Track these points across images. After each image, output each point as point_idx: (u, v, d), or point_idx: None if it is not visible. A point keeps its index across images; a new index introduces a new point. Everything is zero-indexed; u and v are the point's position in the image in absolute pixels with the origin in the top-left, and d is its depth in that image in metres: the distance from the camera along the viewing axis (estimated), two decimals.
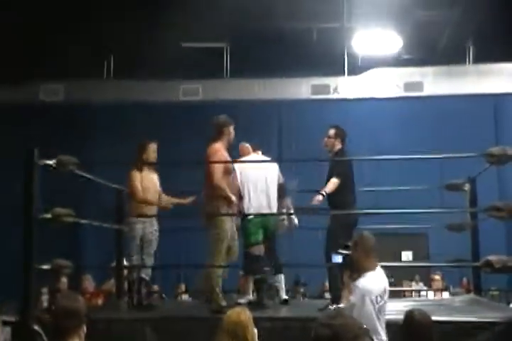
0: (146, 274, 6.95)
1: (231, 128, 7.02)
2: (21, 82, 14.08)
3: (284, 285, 7.37)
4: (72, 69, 13.35)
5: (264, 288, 6.99)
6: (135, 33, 12.58)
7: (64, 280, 10.00)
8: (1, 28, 11.80)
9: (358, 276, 4.78)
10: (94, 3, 11.94)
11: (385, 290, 4.75)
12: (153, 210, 7.14)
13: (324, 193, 6.78)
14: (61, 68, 13.24)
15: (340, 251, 5.10)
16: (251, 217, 7.02)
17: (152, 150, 7.26)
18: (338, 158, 7.24)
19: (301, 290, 10.22)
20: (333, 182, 6.88)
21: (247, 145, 7.68)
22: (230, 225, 6.67)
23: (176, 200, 7.34)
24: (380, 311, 4.63)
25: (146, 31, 12.54)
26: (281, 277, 7.36)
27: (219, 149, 6.81)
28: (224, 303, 6.31)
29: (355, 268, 4.85)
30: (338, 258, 6.27)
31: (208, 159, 6.81)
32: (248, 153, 7.74)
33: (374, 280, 4.74)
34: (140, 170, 7.13)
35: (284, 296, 7.36)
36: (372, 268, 4.79)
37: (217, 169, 6.70)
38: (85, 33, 12.63)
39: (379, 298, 4.66)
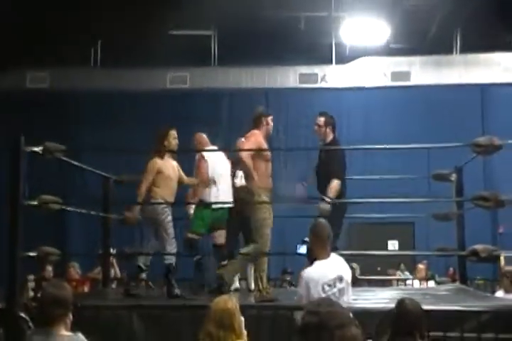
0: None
1: (269, 119, 6.86)
2: (8, 69, 13.99)
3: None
4: (58, 57, 13.27)
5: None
6: (122, 21, 12.49)
7: (49, 268, 9.98)
8: None
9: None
10: None
11: (337, 279, 4.71)
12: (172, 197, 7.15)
13: (329, 199, 6.74)
14: (48, 56, 13.17)
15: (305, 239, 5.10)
16: (215, 206, 7.22)
17: (173, 136, 7.24)
18: (327, 147, 7.22)
19: (288, 278, 10.27)
20: (335, 186, 6.89)
21: (204, 135, 7.64)
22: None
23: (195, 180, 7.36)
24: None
25: (133, 19, 12.47)
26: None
27: (254, 134, 6.67)
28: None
29: (312, 256, 4.87)
30: (302, 249, 6.31)
31: (243, 144, 6.79)
32: (206, 143, 7.71)
33: (321, 269, 4.72)
34: (161, 157, 7.07)
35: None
36: (324, 257, 4.78)
37: (247, 152, 6.56)
38: (72, 21, 12.54)
39: (326, 287, 4.65)
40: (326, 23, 14.23)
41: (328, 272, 4.74)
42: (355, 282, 7.73)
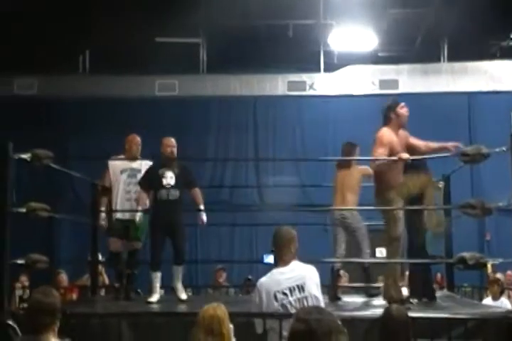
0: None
1: (398, 109, 6.55)
2: None
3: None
4: (47, 63, 13.26)
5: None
6: (111, 28, 12.50)
7: (23, 278, 10.04)
8: None
9: None
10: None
11: (295, 288, 4.58)
12: None
13: None
14: (36, 62, 13.15)
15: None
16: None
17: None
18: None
19: (250, 287, 10.27)
20: None
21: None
22: None
23: None
24: (287, 308, 4.52)
25: (122, 26, 12.47)
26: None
27: (381, 134, 6.45)
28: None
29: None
30: (270, 258, 6.28)
31: (375, 145, 6.46)
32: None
33: (275, 277, 4.66)
34: None
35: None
36: (281, 264, 4.72)
37: (380, 153, 6.34)
38: (61, 28, 12.54)
39: (280, 295, 4.57)
40: (314, 31, 14.30)
41: (283, 280, 4.64)
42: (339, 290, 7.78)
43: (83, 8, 12.11)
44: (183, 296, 7.03)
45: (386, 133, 6.41)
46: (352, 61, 14.67)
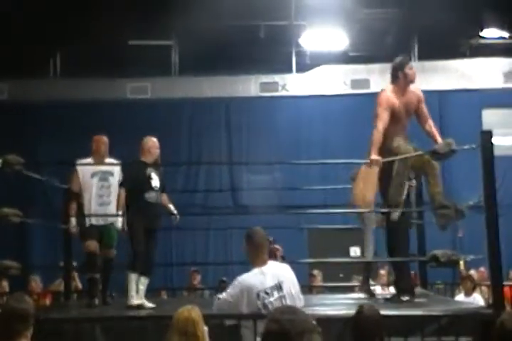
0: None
1: (406, 70, 6.40)
2: None
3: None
4: (17, 68, 13.16)
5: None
6: (82, 31, 12.45)
7: (4, 283, 9.90)
8: None
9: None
10: (40, 2, 11.80)
11: (275, 287, 4.66)
12: None
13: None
14: (7, 67, 13.05)
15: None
16: None
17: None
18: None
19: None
20: None
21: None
22: None
23: None
24: (268, 308, 4.55)
25: (93, 29, 12.43)
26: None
27: (383, 91, 6.42)
28: None
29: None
30: None
31: (377, 105, 6.37)
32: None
33: (257, 276, 4.70)
34: None
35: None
36: (260, 264, 4.76)
37: (381, 118, 6.30)
38: (31, 32, 12.46)
39: (262, 294, 4.63)
40: (286, 32, 14.35)
41: (265, 280, 4.69)
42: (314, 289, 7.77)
43: (54, 11, 12.06)
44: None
45: (389, 96, 6.35)
46: (324, 61, 14.74)
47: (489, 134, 5.46)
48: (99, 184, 7.08)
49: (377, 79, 14.48)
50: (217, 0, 12.36)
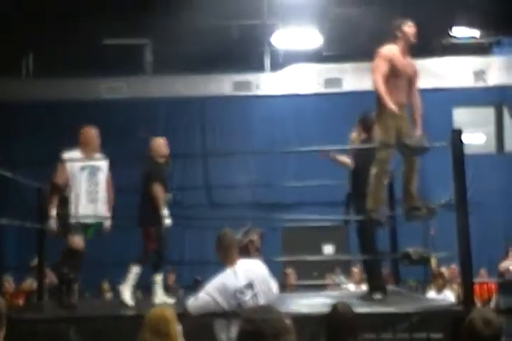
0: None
1: (405, 28, 6.45)
2: None
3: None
4: None
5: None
6: (54, 30, 12.38)
7: None
8: None
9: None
10: (12, 2, 11.71)
11: (248, 285, 4.73)
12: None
13: None
14: None
15: None
16: None
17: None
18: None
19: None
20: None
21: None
22: None
23: None
24: (242, 307, 4.63)
25: (66, 29, 12.37)
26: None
27: (386, 48, 6.37)
28: None
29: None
30: None
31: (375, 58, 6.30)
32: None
33: (230, 276, 4.77)
34: None
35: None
36: (230, 264, 4.83)
37: (379, 69, 6.25)
38: (3, 31, 12.37)
39: (238, 294, 4.71)
40: (258, 31, 14.37)
41: (238, 279, 4.75)
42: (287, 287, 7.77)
43: (26, 10, 11.98)
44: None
45: (390, 48, 6.34)
46: (297, 60, 14.79)
47: (459, 133, 5.53)
48: (89, 179, 6.69)
49: (350, 78, 14.59)
50: (191, 0, 12.36)
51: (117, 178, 7.16)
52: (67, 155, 6.76)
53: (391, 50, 6.31)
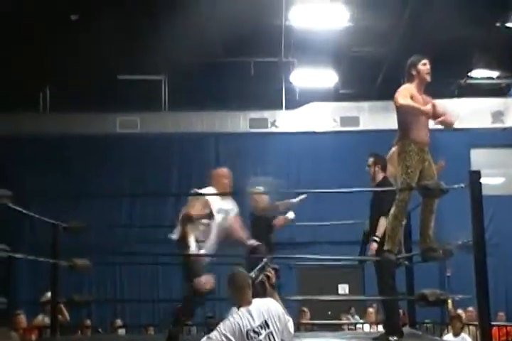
0: None
1: (419, 66, 6.36)
2: None
3: None
4: (6, 101, 13.16)
5: None
6: (72, 65, 12.49)
7: None
8: None
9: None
10: (28, 36, 11.85)
11: (262, 325, 4.72)
12: None
13: (378, 239, 6.53)
14: None
15: None
16: None
17: None
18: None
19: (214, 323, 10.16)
20: (383, 225, 6.46)
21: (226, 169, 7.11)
22: None
23: None
24: None
25: (82, 63, 12.47)
26: None
27: (404, 88, 6.27)
28: None
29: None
30: None
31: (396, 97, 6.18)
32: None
33: (245, 315, 4.75)
34: None
35: None
36: (246, 304, 4.81)
37: (402, 95, 6.14)
38: (20, 64, 12.50)
39: (252, 334, 4.68)
40: (276, 68, 14.45)
41: (252, 319, 4.74)
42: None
43: (43, 44, 12.10)
44: None
45: (406, 88, 6.28)
46: (313, 98, 14.84)
47: (478, 174, 5.48)
48: (222, 223, 6.44)
49: (367, 116, 14.60)
50: (208, 35, 12.44)
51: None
52: (203, 190, 6.62)
53: (409, 90, 6.30)
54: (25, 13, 11.25)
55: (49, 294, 7.81)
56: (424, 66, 6.38)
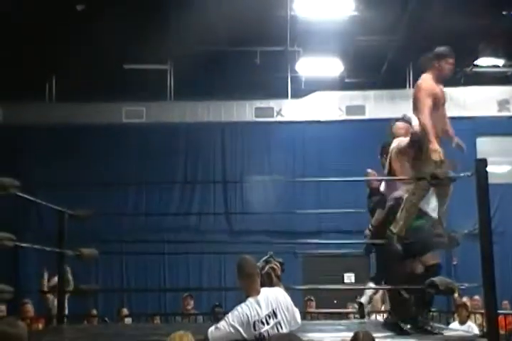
0: None
1: (444, 63, 6.08)
2: None
3: None
4: (13, 91, 13.18)
5: None
6: (77, 55, 12.50)
7: (2, 307, 9.80)
8: None
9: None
10: (36, 26, 11.85)
11: (270, 314, 4.68)
12: None
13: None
14: (1, 90, 13.07)
15: None
16: None
17: None
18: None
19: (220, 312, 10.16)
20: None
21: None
22: None
23: None
24: (264, 337, 4.57)
25: (88, 53, 12.48)
26: None
27: (427, 82, 6.02)
28: None
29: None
30: None
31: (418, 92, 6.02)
32: None
33: (253, 306, 4.73)
34: None
35: None
36: (254, 293, 4.77)
37: (426, 107, 5.95)
38: (27, 55, 12.51)
39: (258, 324, 4.65)
40: (281, 57, 14.43)
41: (260, 309, 4.71)
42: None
43: (49, 34, 12.11)
44: None
45: (427, 81, 6.06)
46: (319, 87, 14.81)
47: (484, 162, 5.48)
48: None
49: (373, 105, 14.58)
50: (214, 25, 12.43)
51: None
52: None
53: (430, 83, 6.12)
54: (34, 2, 11.27)
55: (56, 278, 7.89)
56: (449, 65, 6.16)
